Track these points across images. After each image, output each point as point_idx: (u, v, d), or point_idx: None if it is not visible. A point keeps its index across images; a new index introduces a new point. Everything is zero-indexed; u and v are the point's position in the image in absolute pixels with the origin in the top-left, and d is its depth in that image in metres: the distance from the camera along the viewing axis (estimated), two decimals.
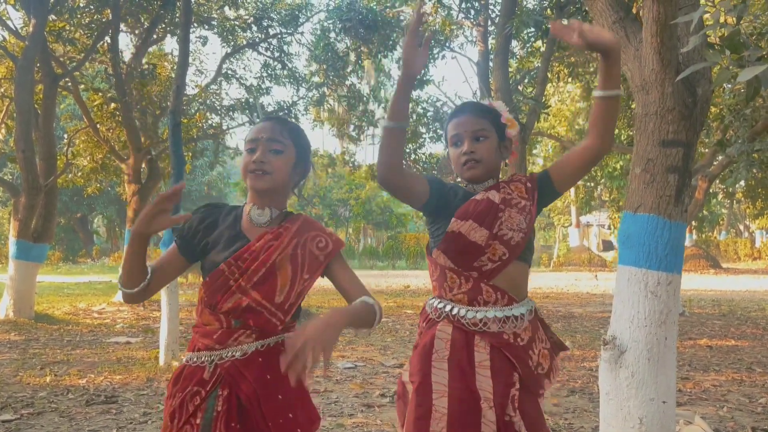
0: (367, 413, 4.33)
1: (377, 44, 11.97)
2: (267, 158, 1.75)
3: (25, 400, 4.56)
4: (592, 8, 3.28)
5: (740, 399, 4.83)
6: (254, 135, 1.79)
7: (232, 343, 1.70)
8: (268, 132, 1.78)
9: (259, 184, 1.76)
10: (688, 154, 3.00)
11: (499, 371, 1.80)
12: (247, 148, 1.79)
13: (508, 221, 1.85)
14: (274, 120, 1.84)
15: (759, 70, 2.23)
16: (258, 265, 1.70)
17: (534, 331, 1.89)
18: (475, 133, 1.90)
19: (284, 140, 1.79)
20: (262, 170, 1.74)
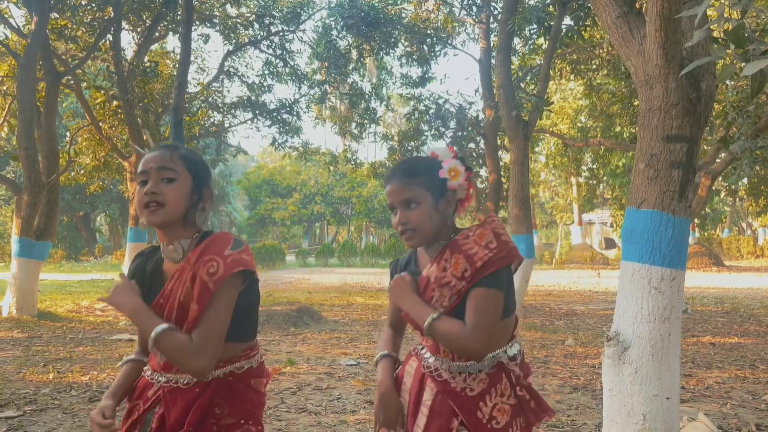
0: (370, 410, 4.33)
1: (379, 42, 11.95)
2: (159, 189, 1.67)
3: (28, 397, 4.57)
4: (595, 4, 3.27)
5: (743, 396, 4.81)
6: (143, 166, 1.71)
7: (173, 373, 1.73)
8: (157, 161, 1.70)
9: (153, 220, 1.68)
10: (692, 149, 2.98)
11: (437, 414, 1.82)
12: (139, 181, 1.71)
13: (439, 300, 1.78)
14: (163, 148, 1.76)
15: (764, 63, 2.22)
16: (169, 309, 1.69)
17: (492, 384, 1.81)
18: (405, 201, 1.80)
19: (176, 167, 1.70)
20: (155, 202, 1.66)
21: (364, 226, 42.92)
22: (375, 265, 29.21)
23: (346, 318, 9.67)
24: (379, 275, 21.47)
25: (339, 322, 9.19)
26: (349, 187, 38.35)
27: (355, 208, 38.33)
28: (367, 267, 28.10)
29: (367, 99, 14.41)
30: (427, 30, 12.52)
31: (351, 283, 17.90)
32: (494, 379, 1.81)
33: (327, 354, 6.50)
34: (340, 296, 13.35)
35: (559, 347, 6.95)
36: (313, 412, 4.27)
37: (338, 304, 11.65)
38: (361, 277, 20.36)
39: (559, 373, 5.59)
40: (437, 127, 12.80)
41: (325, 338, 7.56)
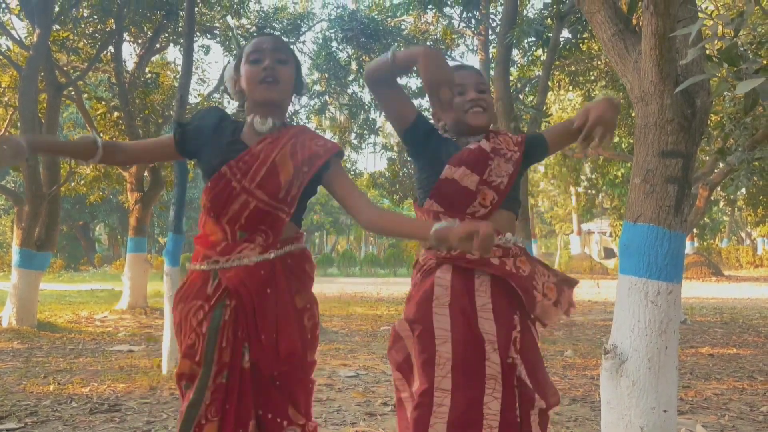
0: (370, 422, 4.35)
1: (379, 53, 12.03)
2: (275, 66, 1.75)
3: (29, 409, 4.58)
4: (592, 21, 3.32)
5: (742, 407, 4.83)
6: (257, 46, 1.78)
7: (235, 256, 1.70)
8: (271, 43, 1.78)
9: (271, 95, 1.76)
10: (687, 164, 3.03)
11: (501, 314, 1.84)
12: (252, 59, 1.76)
13: (497, 168, 1.97)
14: (273, 35, 1.87)
15: (756, 82, 2.27)
16: (259, 166, 1.73)
17: (533, 265, 1.96)
18: (478, 85, 2.03)
19: (287, 53, 1.81)
20: (273, 77, 1.74)
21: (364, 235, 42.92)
22: (375, 274, 29.21)
23: (346, 329, 9.68)
24: (379, 285, 21.47)
25: (338, 332, 9.20)
26: None
27: None
28: (367, 277, 28.10)
29: (366, 110, 14.48)
30: (427, 42, 12.61)
31: (350, 293, 17.91)
32: (533, 261, 1.98)
33: (326, 365, 6.52)
34: (339, 306, 13.36)
35: (559, 358, 6.97)
36: None
37: (337, 315, 11.66)
38: (361, 287, 20.35)
39: (558, 384, 5.60)
40: None
41: (324, 349, 7.58)
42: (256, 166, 1.73)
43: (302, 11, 13.87)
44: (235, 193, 1.71)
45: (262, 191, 1.72)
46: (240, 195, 1.71)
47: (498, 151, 2.01)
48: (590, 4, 3.26)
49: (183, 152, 1.85)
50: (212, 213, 1.75)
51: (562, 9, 7.71)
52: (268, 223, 1.74)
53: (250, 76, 1.76)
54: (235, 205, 1.72)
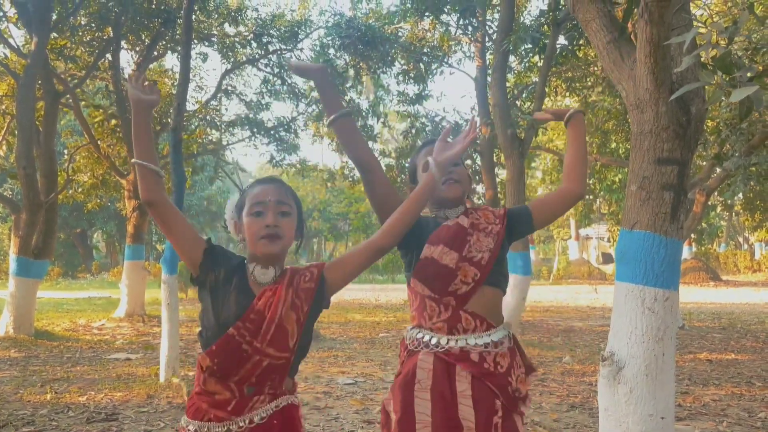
0: (368, 429, 4.34)
1: (376, 60, 12.07)
2: (278, 221, 1.74)
3: (26, 418, 4.56)
4: (587, 29, 3.34)
5: (740, 413, 4.83)
6: (260, 198, 1.76)
7: (247, 411, 1.69)
8: (274, 195, 1.76)
9: (273, 249, 1.74)
10: (682, 171, 3.03)
11: (481, 400, 1.82)
12: (254, 212, 1.75)
13: (477, 244, 1.94)
14: (277, 182, 1.83)
15: (750, 91, 2.28)
16: (268, 324, 1.70)
17: (512, 357, 1.93)
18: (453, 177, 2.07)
19: (290, 202, 1.80)
20: (276, 234, 1.73)
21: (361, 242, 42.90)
22: (373, 281, 29.17)
23: (344, 336, 9.66)
24: (377, 291, 21.45)
25: (336, 340, 9.19)
26: (346, 203, 38.41)
27: (353, 223, 38.37)
28: (365, 283, 28.06)
29: (364, 116, 14.50)
30: (424, 48, 12.65)
31: (349, 299, 17.89)
32: (512, 353, 1.94)
33: (325, 373, 6.51)
34: (337, 313, 13.34)
35: (557, 365, 6.96)
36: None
37: (336, 322, 11.64)
38: (359, 294, 20.33)
39: (556, 391, 5.60)
40: None
41: (322, 356, 7.56)
42: (265, 325, 1.71)
43: (300, 18, 13.91)
44: (247, 355, 1.69)
45: (274, 349, 1.71)
46: (252, 356, 1.70)
47: (476, 226, 2.00)
48: (585, 12, 3.28)
49: (204, 260, 1.78)
50: (218, 374, 1.71)
51: (558, 16, 7.75)
52: (278, 373, 1.75)
53: (252, 230, 1.75)
54: (248, 366, 1.70)
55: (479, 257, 1.93)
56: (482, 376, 1.82)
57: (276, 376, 1.73)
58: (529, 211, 2.12)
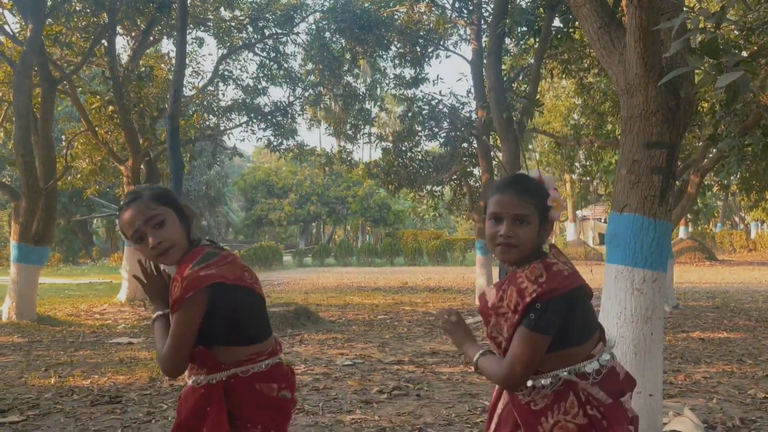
0: (366, 409, 4.44)
1: (372, 44, 12.05)
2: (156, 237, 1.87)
3: (31, 402, 4.66)
4: (578, 14, 3.38)
5: (730, 390, 4.94)
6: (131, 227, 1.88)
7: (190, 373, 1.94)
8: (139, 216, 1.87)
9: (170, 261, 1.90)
10: (672, 155, 3.10)
11: (504, 423, 1.89)
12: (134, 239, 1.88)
13: (496, 326, 1.83)
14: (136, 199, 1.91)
15: (736, 76, 2.33)
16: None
17: (556, 401, 1.80)
18: (516, 217, 1.79)
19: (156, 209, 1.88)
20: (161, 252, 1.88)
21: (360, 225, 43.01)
22: (371, 264, 29.31)
23: (343, 318, 9.77)
24: (376, 274, 21.58)
25: (336, 322, 9.29)
26: (344, 186, 38.44)
27: (351, 207, 38.43)
28: (364, 266, 28.20)
29: (361, 100, 14.50)
30: (420, 32, 12.62)
31: (347, 282, 18.01)
32: (559, 397, 1.80)
33: (324, 354, 6.61)
34: (336, 296, 13.45)
35: None
36: (311, 412, 4.37)
37: (335, 305, 11.75)
38: (358, 277, 20.46)
39: None
40: (431, 128, 12.90)
41: (321, 339, 7.67)
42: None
43: (295, 2, 13.83)
44: None
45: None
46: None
47: (497, 309, 1.83)
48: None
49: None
50: None
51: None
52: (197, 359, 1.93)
53: (144, 254, 1.90)
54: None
55: (499, 340, 1.83)
56: (512, 404, 1.86)
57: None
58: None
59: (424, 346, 7.13)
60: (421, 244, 31.37)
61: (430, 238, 33.72)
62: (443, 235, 36.16)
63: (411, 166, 13.44)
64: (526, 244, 1.79)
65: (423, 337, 7.84)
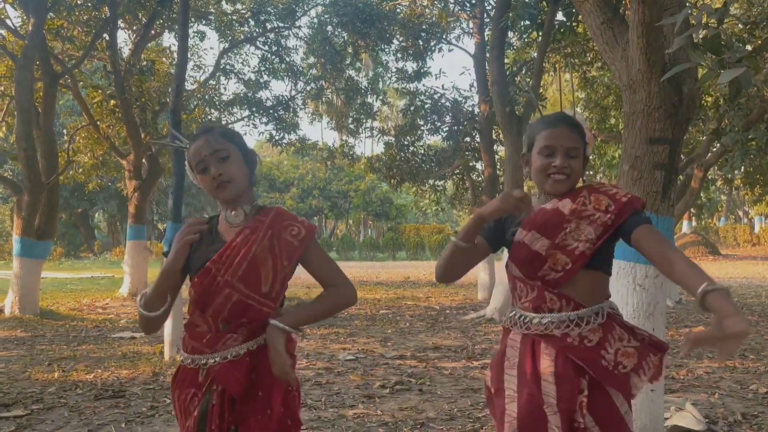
0: (368, 404, 4.45)
1: (374, 38, 12.02)
2: (220, 169, 1.84)
3: (35, 396, 4.68)
4: (581, 9, 3.37)
5: (732, 386, 4.94)
6: (198, 156, 1.87)
7: (221, 347, 1.81)
8: (208, 147, 1.86)
9: (227, 195, 1.86)
10: (674, 151, 3.09)
11: (564, 378, 1.81)
12: (200, 169, 1.87)
13: (575, 232, 1.82)
14: (208, 131, 1.92)
15: (738, 72, 2.32)
16: (240, 259, 1.82)
17: (607, 331, 1.84)
18: (569, 150, 1.87)
19: (226, 145, 1.88)
20: (223, 181, 1.84)
21: (362, 219, 43.03)
22: (374, 258, 29.35)
23: (345, 313, 9.78)
24: (378, 269, 21.60)
25: (338, 317, 9.31)
26: (346, 180, 38.43)
27: (353, 201, 38.43)
28: (366, 261, 28.24)
29: (363, 94, 14.48)
30: (422, 25, 12.58)
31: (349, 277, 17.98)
32: (608, 327, 1.84)
33: (326, 349, 6.63)
34: None
35: None
36: (313, 407, 4.38)
37: None
38: (360, 271, 20.48)
39: None
40: (433, 122, 12.88)
41: (324, 333, 7.69)
42: (237, 260, 1.82)
43: None
44: (219, 287, 1.83)
45: (243, 285, 1.82)
46: (224, 288, 1.83)
47: (579, 213, 1.83)
48: None
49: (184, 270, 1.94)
50: (198, 306, 1.87)
51: None
52: (250, 315, 1.85)
53: (204, 185, 1.89)
54: (219, 298, 1.83)
55: (574, 246, 1.82)
56: (565, 351, 1.82)
57: (249, 317, 1.84)
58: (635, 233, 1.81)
59: (427, 341, 7.14)
60: (424, 238, 31.39)
61: (433, 232, 33.73)
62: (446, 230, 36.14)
63: (413, 160, 13.43)
64: (577, 174, 1.89)
65: (425, 332, 7.85)
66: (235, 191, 1.87)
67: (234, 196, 1.87)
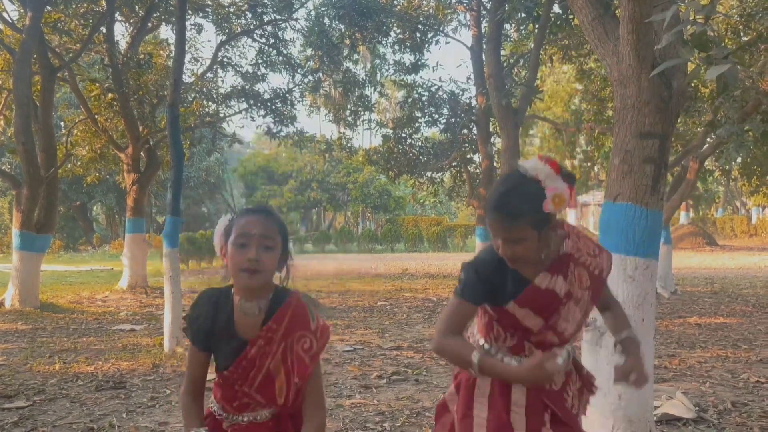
0: (365, 394, 4.53)
1: (372, 30, 12.03)
2: (260, 256, 1.77)
3: (37, 387, 4.75)
4: (573, 5, 3.41)
5: (723, 375, 5.02)
6: (245, 229, 1.79)
7: (248, 411, 1.86)
8: (260, 228, 1.79)
9: (252, 283, 1.79)
10: (664, 145, 3.15)
11: (533, 411, 1.90)
12: (238, 243, 1.79)
13: (566, 314, 1.83)
14: (264, 213, 1.85)
15: (724, 68, 2.37)
16: (255, 372, 1.83)
17: (568, 376, 1.94)
18: (509, 239, 1.75)
19: (275, 236, 1.82)
20: (255, 269, 1.77)
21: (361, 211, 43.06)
22: (372, 250, 29.42)
23: (343, 304, 9.86)
24: (376, 261, 21.68)
25: (336, 308, 9.38)
26: (345, 173, 38.44)
27: (352, 194, 38.46)
28: (365, 252, 28.32)
29: (361, 86, 14.49)
30: (419, 17, 12.60)
31: (348, 269, 18.10)
32: (569, 373, 1.95)
33: None
34: (336, 283, 13.55)
35: None
36: None
37: (335, 291, 11.84)
38: (358, 263, 20.57)
39: None
40: (430, 114, 12.92)
41: None
42: (253, 373, 1.83)
43: None
44: (239, 394, 1.86)
45: (261, 396, 1.86)
46: (243, 397, 1.86)
47: (571, 295, 1.82)
48: None
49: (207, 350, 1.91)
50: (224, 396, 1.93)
51: None
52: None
53: (234, 260, 1.79)
54: (244, 399, 1.87)
55: (563, 328, 1.85)
56: (538, 392, 1.90)
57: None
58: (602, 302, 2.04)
59: (424, 332, 7.21)
60: (422, 230, 31.47)
61: (431, 224, 33.79)
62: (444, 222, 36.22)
63: (411, 152, 13.48)
64: (529, 255, 1.77)
65: (422, 323, 7.93)
66: (262, 283, 1.81)
67: (257, 286, 1.81)
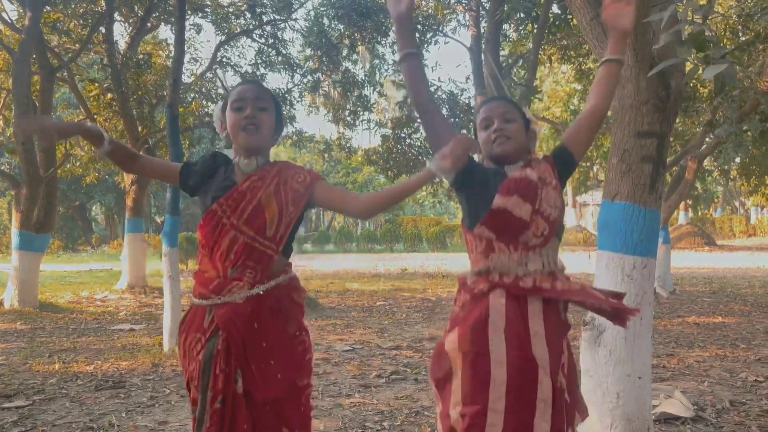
0: (364, 393, 4.54)
1: (371, 30, 12.03)
2: (256, 114, 1.94)
3: (36, 387, 4.75)
4: (571, 4, 3.42)
5: (722, 374, 5.03)
6: (240, 95, 1.97)
7: (226, 293, 1.89)
8: (253, 92, 1.97)
9: (251, 141, 1.95)
10: (662, 144, 3.16)
11: (552, 339, 1.88)
12: (235, 107, 1.96)
13: (546, 198, 1.95)
14: (256, 82, 2.06)
15: (721, 68, 2.38)
16: (246, 203, 1.91)
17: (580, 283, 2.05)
18: (504, 115, 2.03)
19: (268, 99, 2.00)
20: (253, 125, 1.94)
21: None
22: (371, 250, 29.42)
23: (342, 305, 9.87)
24: (375, 261, 21.68)
25: (335, 308, 9.39)
26: (344, 173, 38.45)
27: None
28: (364, 253, 28.31)
29: (360, 86, 14.49)
30: (418, 17, 12.59)
31: (347, 269, 18.11)
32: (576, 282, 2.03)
33: (323, 340, 6.71)
34: (336, 283, 13.55)
35: None
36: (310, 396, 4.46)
37: (334, 291, 11.85)
38: (357, 263, 20.57)
39: None
40: None
41: (321, 325, 7.77)
42: (243, 204, 1.91)
43: None
44: (225, 229, 1.90)
45: (249, 227, 1.90)
46: (229, 231, 1.90)
47: (543, 180, 1.98)
48: None
49: (184, 187, 2.06)
50: (206, 249, 1.95)
51: None
52: (256, 258, 1.91)
53: (233, 122, 1.96)
54: (225, 241, 1.90)
55: (549, 212, 1.95)
56: (560, 296, 1.91)
57: (254, 260, 1.91)
58: (566, 149, 2.11)
59: (423, 332, 7.22)
60: (421, 230, 31.47)
61: (430, 224, 33.79)
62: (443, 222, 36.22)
63: (410, 152, 13.47)
64: (517, 137, 2.03)
65: (421, 323, 7.94)
66: (259, 140, 1.96)
67: (255, 144, 1.96)
